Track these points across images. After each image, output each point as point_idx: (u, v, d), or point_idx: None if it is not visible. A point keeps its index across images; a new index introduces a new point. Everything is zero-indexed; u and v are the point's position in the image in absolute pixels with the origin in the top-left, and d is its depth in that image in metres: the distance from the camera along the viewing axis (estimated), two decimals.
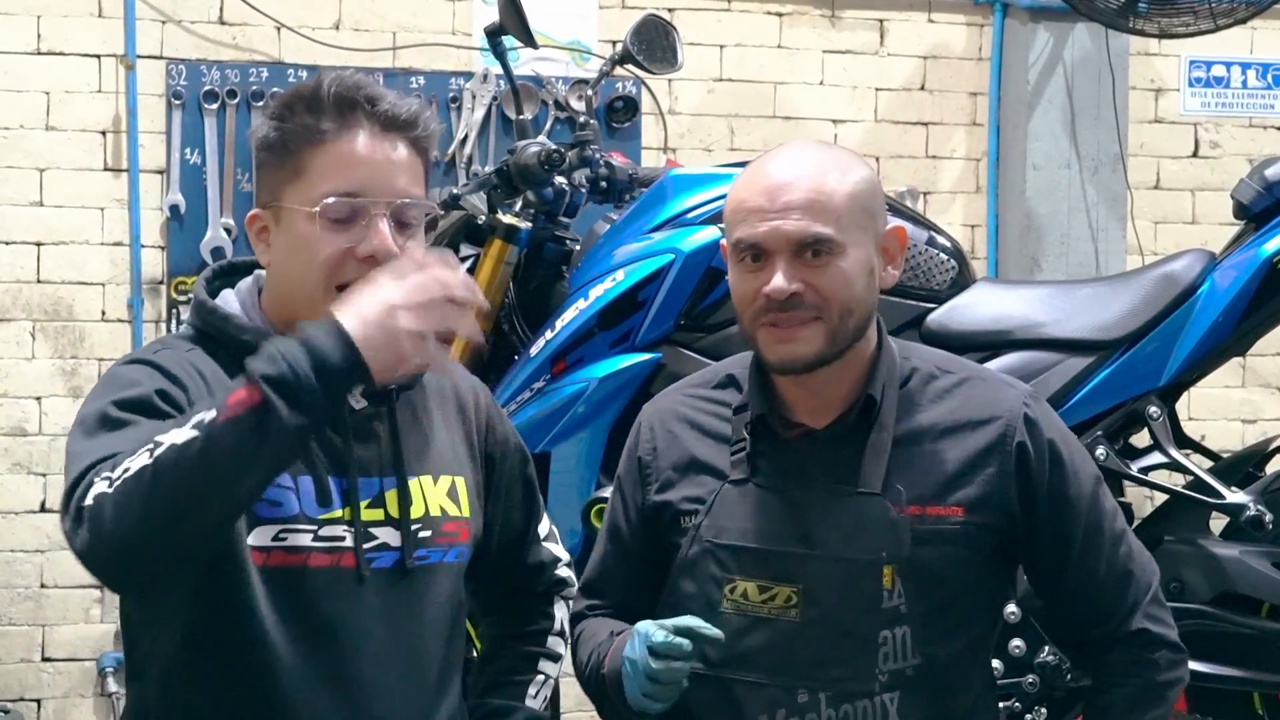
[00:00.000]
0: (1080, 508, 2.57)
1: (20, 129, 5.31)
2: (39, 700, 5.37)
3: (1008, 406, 2.57)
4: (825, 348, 2.51)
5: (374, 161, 2.34)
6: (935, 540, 2.51)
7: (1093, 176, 5.88)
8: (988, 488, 2.53)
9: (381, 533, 2.38)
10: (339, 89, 2.35)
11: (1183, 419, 4.02)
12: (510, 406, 3.77)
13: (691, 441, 2.65)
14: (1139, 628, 2.58)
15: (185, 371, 2.32)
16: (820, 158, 2.58)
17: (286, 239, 2.37)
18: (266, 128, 2.38)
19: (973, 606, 2.57)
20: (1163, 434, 3.80)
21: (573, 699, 5.44)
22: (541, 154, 3.82)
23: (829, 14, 5.92)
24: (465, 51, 5.62)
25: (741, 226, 2.53)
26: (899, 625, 2.49)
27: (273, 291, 2.42)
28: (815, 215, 2.50)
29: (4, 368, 5.32)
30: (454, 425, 2.54)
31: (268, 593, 2.30)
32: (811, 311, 2.50)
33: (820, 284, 2.50)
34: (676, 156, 5.59)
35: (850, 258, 2.51)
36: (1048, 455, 2.56)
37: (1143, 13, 5.15)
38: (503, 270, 3.87)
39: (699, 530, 2.57)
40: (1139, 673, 2.58)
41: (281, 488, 2.31)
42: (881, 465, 2.52)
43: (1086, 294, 3.90)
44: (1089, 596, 2.60)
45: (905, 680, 2.49)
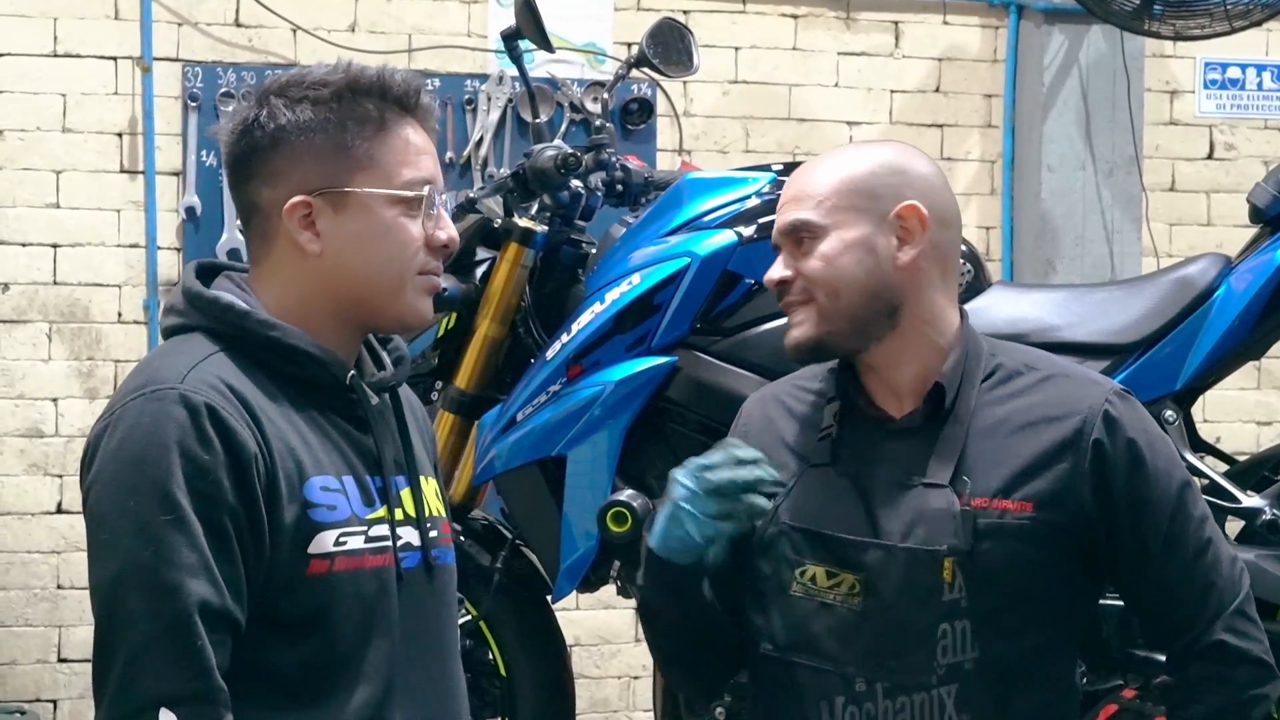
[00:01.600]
0: (1161, 513, 2.52)
1: (37, 131, 5.34)
2: (55, 701, 5.39)
3: (1088, 403, 2.53)
4: (820, 329, 2.57)
5: (431, 151, 2.36)
6: (1001, 535, 2.48)
7: (1108, 179, 5.88)
8: (1059, 484, 2.50)
9: (404, 532, 2.36)
10: (399, 78, 2.34)
11: (1198, 422, 4.02)
12: (526, 409, 3.77)
13: (784, 426, 2.68)
14: (1218, 640, 2.50)
15: (239, 413, 2.20)
16: (839, 151, 2.70)
17: (359, 226, 2.30)
18: (313, 112, 2.30)
19: (1042, 607, 2.52)
20: (1178, 437, 3.79)
21: (586, 700, 5.45)
22: (558, 158, 3.82)
23: (844, 16, 5.93)
24: (480, 54, 5.63)
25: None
26: (959, 619, 2.47)
27: (315, 284, 2.32)
28: (798, 204, 2.60)
29: (21, 369, 5.34)
30: (419, 427, 2.52)
31: (326, 599, 2.24)
32: (801, 295, 2.58)
33: (804, 268, 2.58)
34: (691, 159, 5.60)
35: (835, 238, 2.56)
36: (1126, 455, 2.51)
37: (1158, 15, 5.15)
38: (519, 273, 3.87)
39: (777, 511, 2.58)
40: (1218, 689, 2.50)
41: (333, 491, 2.26)
42: (951, 457, 2.51)
43: (1102, 297, 3.90)
44: (1167, 606, 2.55)
45: (963, 675, 2.46)
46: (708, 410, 3.65)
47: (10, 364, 5.33)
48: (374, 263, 2.32)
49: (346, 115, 2.30)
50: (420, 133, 2.36)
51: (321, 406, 2.32)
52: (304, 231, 2.30)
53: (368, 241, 2.31)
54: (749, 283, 3.69)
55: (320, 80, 2.32)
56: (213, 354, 2.26)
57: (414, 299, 2.35)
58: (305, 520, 2.23)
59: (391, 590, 2.31)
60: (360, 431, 2.34)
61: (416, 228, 2.32)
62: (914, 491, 2.52)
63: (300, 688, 2.24)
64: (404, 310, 2.35)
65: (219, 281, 2.37)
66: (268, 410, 2.24)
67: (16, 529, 5.35)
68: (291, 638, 2.24)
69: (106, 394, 5.36)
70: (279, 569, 2.22)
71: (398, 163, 2.31)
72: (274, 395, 2.27)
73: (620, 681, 5.58)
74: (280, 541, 2.21)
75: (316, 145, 2.30)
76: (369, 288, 2.32)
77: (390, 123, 2.32)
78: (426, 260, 2.34)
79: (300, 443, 2.26)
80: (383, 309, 2.34)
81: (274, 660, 2.23)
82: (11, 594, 5.36)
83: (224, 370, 2.24)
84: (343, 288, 2.32)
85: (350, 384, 2.32)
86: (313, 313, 2.32)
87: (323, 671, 2.25)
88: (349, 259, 2.32)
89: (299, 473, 2.24)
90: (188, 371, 2.21)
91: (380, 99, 2.32)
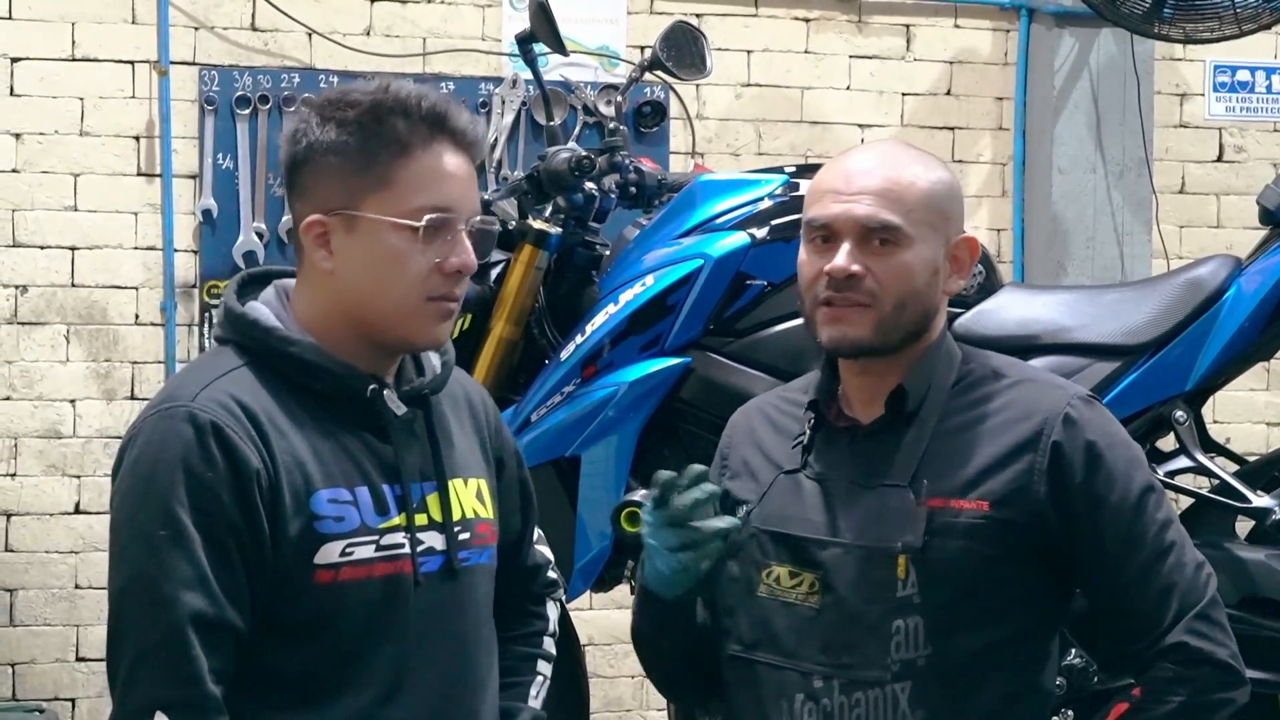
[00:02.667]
0: (1120, 514, 2.53)
1: (55, 134, 5.37)
2: (73, 700, 5.42)
3: (1049, 406, 2.56)
4: (873, 336, 2.54)
5: (456, 177, 2.35)
6: (954, 533, 2.51)
7: (1118, 181, 5.89)
8: (1016, 484, 2.52)
9: (427, 537, 2.40)
10: (427, 104, 2.34)
11: (1208, 423, 4.03)
12: (540, 410, 3.79)
13: (764, 436, 2.70)
14: (1178, 642, 2.51)
15: (245, 430, 2.28)
16: (905, 153, 2.64)
17: (366, 249, 2.34)
18: (337, 133, 2.34)
19: (997, 604, 2.53)
20: (1189, 438, 3.80)
21: (600, 699, 5.47)
22: (571, 160, 3.84)
23: (856, 19, 5.95)
24: (495, 57, 5.66)
25: (815, 207, 2.58)
26: (911, 615, 2.50)
27: (330, 300, 2.38)
28: (887, 203, 2.54)
29: (39, 371, 5.37)
30: (468, 428, 2.56)
31: (333, 608, 2.31)
32: (866, 296, 2.53)
33: (880, 271, 2.53)
34: (704, 161, 5.62)
35: (915, 252, 2.54)
36: (1084, 456, 2.53)
37: (1168, 18, 5.16)
38: (533, 275, 3.88)
39: (750, 516, 2.61)
40: (1179, 690, 2.50)
41: (342, 503, 2.32)
42: (913, 459, 2.54)
43: (1113, 299, 3.91)
44: (1125, 606, 2.56)
45: (916, 671, 2.49)
46: (721, 411, 3.64)
47: (29, 365, 5.37)
48: (380, 286, 2.35)
49: (369, 137, 2.33)
50: (452, 156, 2.36)
51: (342, 418, 2.37)
52: (319, 249, 2.36)
53: (374, 265, 2.35)
54: (762, 284, 3.72)
55: (353, 100, 2.36)
56: (236, 369, 2.35)
57: (424, 323, 2.38)
58: (311, 532, 2.30)
59: (403, 595, 2.36)
60: (382, 441, 2.38)
61: (425, 254, 2.33)
62: (874, 492, 2.55)
63: (303, 690, 2.32)
64: (413, 334, 2.39)
65: (266, 292, 2.45)
66: (280, 425, 2.31)
67: (35, 529, 5.38)
68: (297, 643, 2.31)
69: (124, 395, 5.40)
70: (285, 578, 2.29)
71: (413, 188, 2.33)
72: (292, 409, 2.34)
73: (634, 680, 5.59)
74: (285, 552, 2.29)
75: (336, 166, 2.34)
76: (375, 311, 2.36)
77: (414, 146, 2.34)
78: (437, 285, 2.36)
79: (311, 456, 2.32)
80: (391, 330, 2.38)
81: (279, 664, 2.31)
82: (30, 593, 5.39)
83: (241, 386, 2.32)
84: (354, 307, 2.37)
85: (370, 396, 2.37)
86: (335, 328, 2.38)
87: (325, 675, 2.32)
88: (358, 280, 2.36)
89: (306, 486, 2.30)
90: (201, 389, 2.30)
91: (405, 120, 2.34)
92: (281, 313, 2.41)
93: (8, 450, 5.37)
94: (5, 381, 5.35)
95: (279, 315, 2.40)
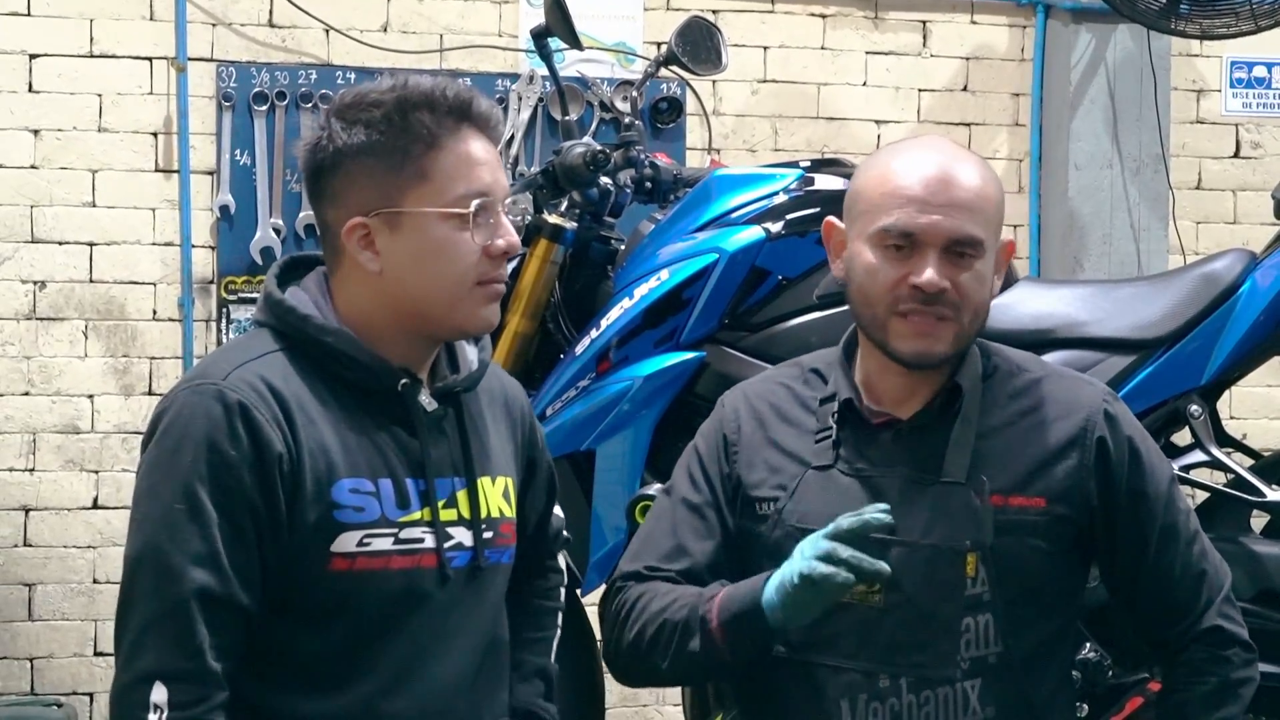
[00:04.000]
0: (1157, 506, 2.59)
1: (73, 131, 5.38)
2: (91, 695, 5.43)
3: (1089, 402, 2.60)
4: (953, 347, 2.57)
5: (488, 162, 2.40)
6: (1017, 530, 2.53)
7: (1135, 177, 5.89)
8: (1069, 480, 2.56)
9: (456, 532, 2.42)
10: (451, 94, 2.38)
11: (1224, 417, 4.03)
12: (556, 404, 3.79)
13: (776, 428, 2.69)
14: (1213, 625, 2.60)
15: (272, 413, 2.30)
16: (968, 157, 2.62)
17: (414, 243, 2.36)
18: (366, 134, 2.36)
19: (1053, 598, 2.59)
20: (1204, 432, 3.80)
21: (617, 694, 5.48)
22: (587, 154, 3.84)
23: (872, 15, 5.95)
24: (511, 53, 5.67)
25: (896, 213, 2.54)
26: (981, 613, 2.51)
27: (378, 297, 2.40)
28: (973, 216, 2.54)
29: (57, 366, 5.39)
30: (502, 427, 2.57)
31: (347, 597, 2.33)
32: (950, 310, 2.54)
33: (963, 284, 2.54)
34: (720, 157, 5.61)
35: (986, 262, 2.57)
36: (1127, 451, 2.59)
37: (1184, 14, 5.15)
38: (548, 269, 3.89)
39: (781, 514, 2.60)
40: (1215, 671, 2.59)
41: (364, 493, 2.34)
42: (965, 455, 2.55)
43: (1128, 293, 3.90)
44: (1165, 594, 2.62)
45: (987, 668, 2.52)
46: None
47: (47, 361, 5.38)
48: (432, 278, 2.38)
49: (398, 134, 2.36)
50: (479, 142, 2.40)
51: (372, 409, 2.39)
52: (364, 251, 2.38)
53: (424, 258, 2.37)
54: (777, 278, 3.72)
55: (374, 100, 2.38)
56: (270, 352, 2.38)
57: (475, 308, 2.41)
58: (330, 520, 2.32)
59: (420, 590, 2.39)
60: (410, 436, 2.41)
61: (472, 240, 2.37)
62: (931, 489, 2.56)
63: (311, 674, 2.34)
64: (465, 320, 2.41)
65: (309, 278, 2.47)
66: (310, 411, 2.34)
67: (53, 524, 5.40)
68: (309, 628, 2.34)
69: (141, 391, 5.41)
70: (301, 563, 2.32)
71: (450, 177, 2.36)
72: (323, 396, 2.36)
73: None
74: (302, 537, 2.31)
75: (370, 167, 2.37)
76: (428, 302, 2.39)
77: (443, 137, 2.37)
78: (487, 269, 2.39)
79: (338, 444, 2.34)
80: (444, 320, 2.41)
81: (291, 647, 2.34)
82: (49, 588, 5.40)
83: (274, 370, 2.35)
84: (404, 302, 2.39)
85: (402, 391, 2.39)
86: (376, 323, 2.40)
87: (333, 661, 2.34)
88: (408, 276, 2.38)
89: (329, 474, 2.33)
90: (234, 369, 2.33)
91: (431, 113, 2.36)
92: (321, 301, 2.43)
93: (26, 445, 5.39)
94: (24, 377, 5.37)
95: (318, 303, 2.42)
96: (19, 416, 5.37)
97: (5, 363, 5.36)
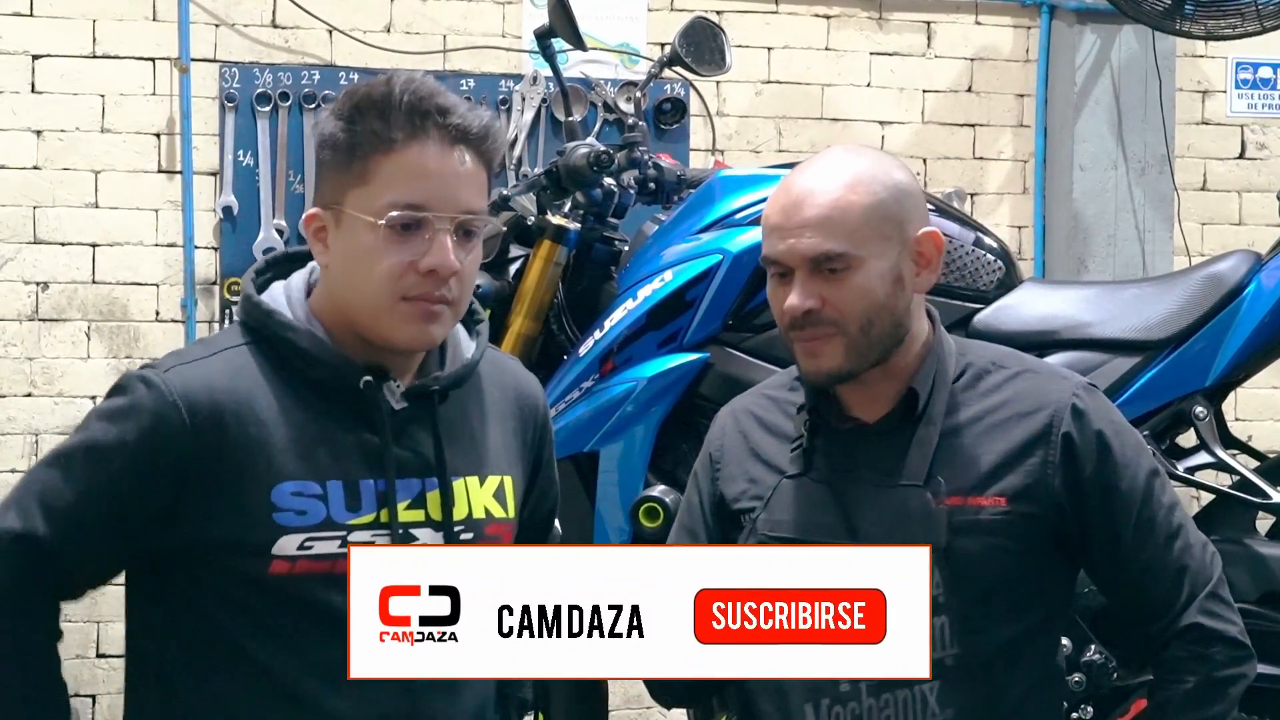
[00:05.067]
0: (1131, 500, 2.57)
1: (76, 131, 5.38)
2: (94, 696, 5.43)
3: (1056, 398, 2.58)
4: (847, 362, 2.55)
5: (441, 174, 2.31)
6: (975, 530, 2.53)
7: (1139, 178, 5.88)
8: (1031, 477, 2.55)
9: (421, 534, 2.37)
10: (412, 97, 2.30)
11: (1229, 419, 4.02)
12: (559, 405, 3.79)
13: (758, 439, 2.70)
14: (1193, 623, 2.57)
15: (194, 416, 2.30)
16: (843, 169, 2.59)
17: (346, 244, 2.33)
18: (333, 126, 2.33)
19: (1020, 598, 2.57)
20: (1209, 434, 3.79)
21: (620, 697, 5.47)
22: (590, 155, 3.84)
23: (876, 16, 5.95)
24: (515, 54, 5.66)
25: (767, 242, 2.60)
26: (937, 615, 2.51)
27: (329, 293, 2.39)
28: (828, 232, 2.53)
29: (60, 367, 5.38)
30: (507, 423, 2.54)
31: (290, 600, 2.30)
32: (829, 327, 2.54)
33: (836, 299, 2.53)
34: (724, 158, 5.62)
35: (869, 270, 2.54)
36: (1095, 446, 2.56)
37: (1189, 15, 5.15)
38: (552, 270, 3.88)
39: (756, 523, 2.61)
40: (1196, 669, 2.56)
41: (307, 496, 2.31)
42: (925, 458, 2.55)
43: (1133, 294, 3.90)
44: (1142, 590, 2.60)
45: (944, 670, 2.51)
46: None
47: (50, 362, 5.38)
48: (353, 283, 2.34)
49: (357, 131, 2.31)
50: (441, 151, 2.31)
51: (336, 409, 2.35)
52: (317, 244, 2.37)
53: (350, 260, 2.34)
54: None
55: (353, 93, 2.35)
56: (230, 348, 2.36)
57: (399, 323, 2.34)
58: (269, 523, 2.29)
59: None
60: (374, 436, 2.36)
61: (400, 252, 2.30)
62: (891, 493, 2.55)
63: (260, 666, 2.31)
64: (389, 333, 2.35)
65: (298, 274, 2.45)
66: (258, 412, 2.31)
67: None
68: (258, 626, 2.31)
69: None
70: (245, 565, 2.30)
71: (386, 184, 2.30)
72: (280, 396, 2.33)
73: None
74: (233, 540, 2.29)
75: (333, 161, 2.34)
76: (353, 308, 2.35)
77: (397, 140, 2.30)
78: (413, 285, 2.31)
79: (285, 446, 2.31)
80: (370, 329, 2.36)
81: (242, 642, 2.31)
82: None
83: (228, 367, 2.33)
84: (343, 302, 2.37)
85: (364, 389, 2.34)
86: (338, 319, 2.37)
87: (280, 657, 2.31)
88: (337, 274, 2.36)
89: (269, 476, 2.30)
90: (179, 364, 2.33)
91: (390, 114, 2.30)
92: (295, 298, 2.40)
93: (29, 447, 5.38)
94: (26, 378, 5.37)
95: (290, 300, 2.39)
96: (21, 418, 5.37)
97: (8, 364, 5.36)
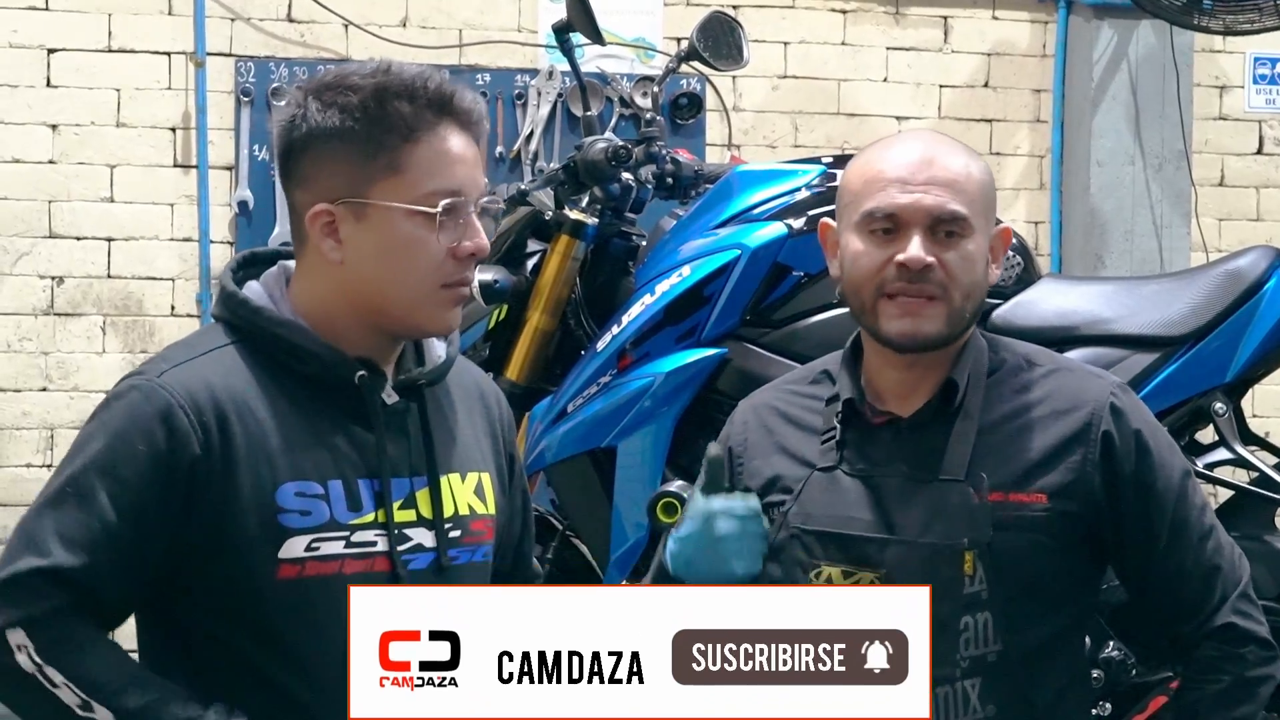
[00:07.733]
0: (1167, 500, 2.56)
1: (91, 126, 5.38)
2: None
3: (1094, 396, 2.57)
4: (945, 328, 2.52)
5: (466, 160, 2.31)
6: (1017, 526, 2.51)
7: (1157, 173, 5.87)
8: (1072, 475, 2.53)
9: (415, 533, 2.35)
10: (436, 86, 2.30)
11: (1248, 415, 4.01)
12: (577, 401, 3.79)
13: (783, 433, 2.67)
14: (1226, 622, 2.55)
15: (199, 416, 2.25)
16: (952, 143, 2.62)
17: (379, 238, 2.29)
18: (339, 118, 2.28)
19: (1058, 595, 2.55)
20: (1228, 430, 3.79)
21: None
22: (608, 150, 3.83)
23: (893, 11, 5.94)
24: (531, 49, 5.66)
25: (879, 196, 2.52)
26: (980, 611, 2.49)
27: (338, 289, 2.33)
28: (956, 193, 2.52)
29: (75, 362, 5.39)
30: (478, 420, 2.51)
31: (300, 604, 2.27)
32: (937, 288, 2.50)
33: (950, 262, 2.51)
34: (741, 153, 5.61)
35: (975, 242, 2.53)
36: (1134, 445, 2.55)
37: (1207, 10, 5.14)
38: (569, 265, 3.88)
39: (787, 516, 2.59)
40: (1228, 669, 2.55)
41: (310, 497, 2.28)
42: (965, 452, 2.53)
43: (1151, 290, 3.90)
44: (1175, 590, 2.58)
45: (986, 667, 2.49)
46: None
47: (65, 357, 5.38)
48: (393, 275, 2.30)
49: (374, 122, 2.28)
50: (459, 137, 2.31)
51: (328, 406, 2.32)
52: (326, 239, 2.31)
53: (387, 254, 2.29)
54: (798, 275, 3.71)
55: (353, 84, 2.29)
56: (219, 348, 2.32)
57: (436, 310, 2.33)
58: (275, 525, 2.26)
59: None
60: (367, 433, 2.33)
61: (439, 240, 2.29)
62: (930, 487, 2.53)
63: (267, 678, 2.28)
64: (426, 321, 2.35)
65: (269, 272, 2.40)
66: (255, 411, 2.28)
67: None
68: (264, 638, 2.28)
69: None
70: (250, 572, 2.26)
71: (424, 172, 2.28)
72: (273, 395, 2.30)
73: None
74: (246, 544, 2.25)
75: (340, 152, 2.29)
76: (388, 299, 2.31)
77: (421, 129, 2.28)
78: (452, 271, 2.31)
79: (284, 446, 2.28)
80: (404, 319, 2.34)
81: (248, 655, 2.28)
82: None
83: (217, 368, 2.29)
84: (364, 297, 2.32)
85: (359, 383, 2.32)
86: (335, 315, 2.33)
87: (289, 666, 2.28)
88: (369, 270, 2.31)
89: (273, 477, 2.26)
90: (172, 367, 2.28)
91: (411, 103, 2.28)
92: (276, 294, 2.36)
93: (44, 441, 5.39)
94: (42, 372, 5.37)
95: (272, 296, 2.35)
96: (36, 412, 5.37)
97: (23, 358, 5.36)
